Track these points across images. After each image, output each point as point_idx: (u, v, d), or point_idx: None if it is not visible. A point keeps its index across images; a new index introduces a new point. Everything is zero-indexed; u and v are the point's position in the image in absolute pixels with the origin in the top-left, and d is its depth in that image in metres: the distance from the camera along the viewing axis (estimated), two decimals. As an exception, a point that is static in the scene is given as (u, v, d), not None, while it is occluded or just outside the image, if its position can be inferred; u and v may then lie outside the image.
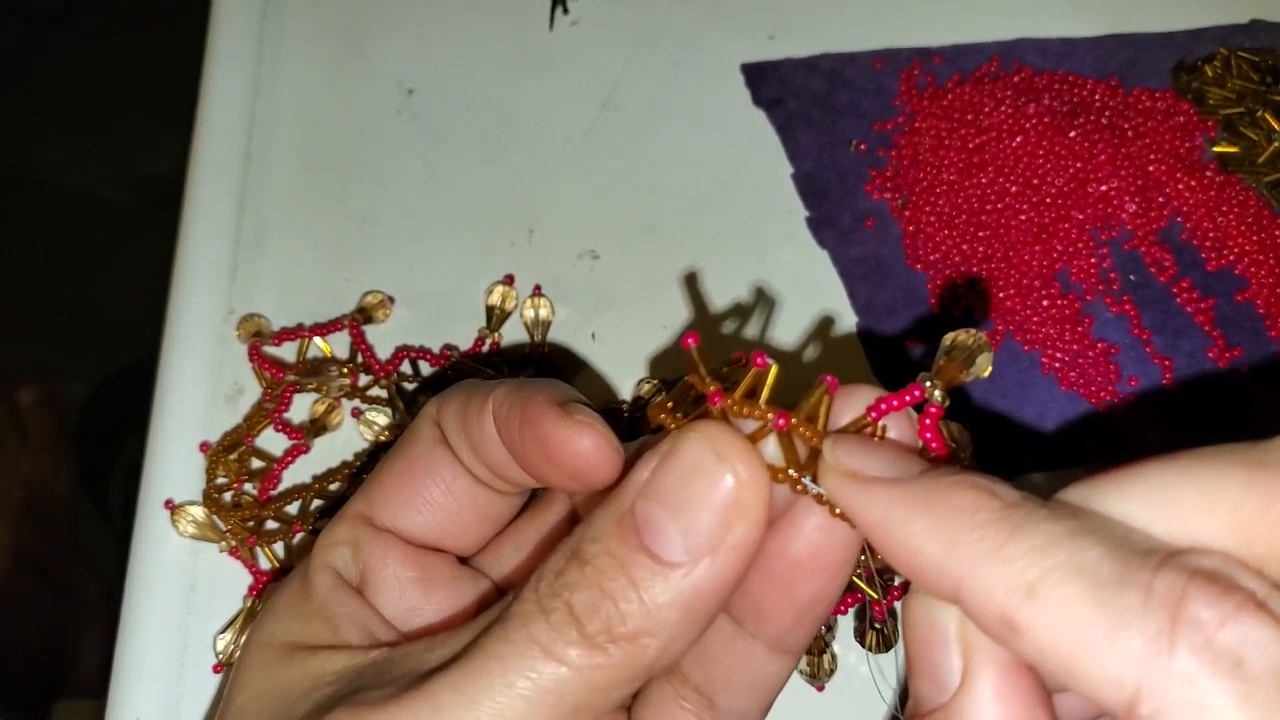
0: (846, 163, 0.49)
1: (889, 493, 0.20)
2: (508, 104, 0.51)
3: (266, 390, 0.42)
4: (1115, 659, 0.17)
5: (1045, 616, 0.17)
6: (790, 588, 0.24)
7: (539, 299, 0.45)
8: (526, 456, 0.25)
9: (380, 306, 0.45)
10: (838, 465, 0.21)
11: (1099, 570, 0.17)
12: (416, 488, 0.28)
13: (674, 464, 0.22)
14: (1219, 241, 0.47)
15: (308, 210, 0.48)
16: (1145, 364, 0.44)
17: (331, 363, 0.43)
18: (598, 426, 0.24)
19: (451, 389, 0.28)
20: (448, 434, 0.28)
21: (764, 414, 0.21)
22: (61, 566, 0.91)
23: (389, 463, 0.29)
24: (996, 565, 0.18)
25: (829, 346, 0.45)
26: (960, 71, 0.52)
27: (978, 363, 0.22)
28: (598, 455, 0.24)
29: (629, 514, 0.22)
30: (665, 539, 0.21)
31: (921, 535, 0.19)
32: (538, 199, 0.48)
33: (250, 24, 0.53)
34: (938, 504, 0.19)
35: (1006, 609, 0.18)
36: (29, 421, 0.98)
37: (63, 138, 1.24)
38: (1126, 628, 0.17)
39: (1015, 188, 0.47)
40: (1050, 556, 0.18)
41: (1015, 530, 0.18)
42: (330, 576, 0.27)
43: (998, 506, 0.19)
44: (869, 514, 0.20)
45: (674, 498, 0.21)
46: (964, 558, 0.18)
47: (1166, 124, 0.50)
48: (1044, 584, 0.17)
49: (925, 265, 0.46)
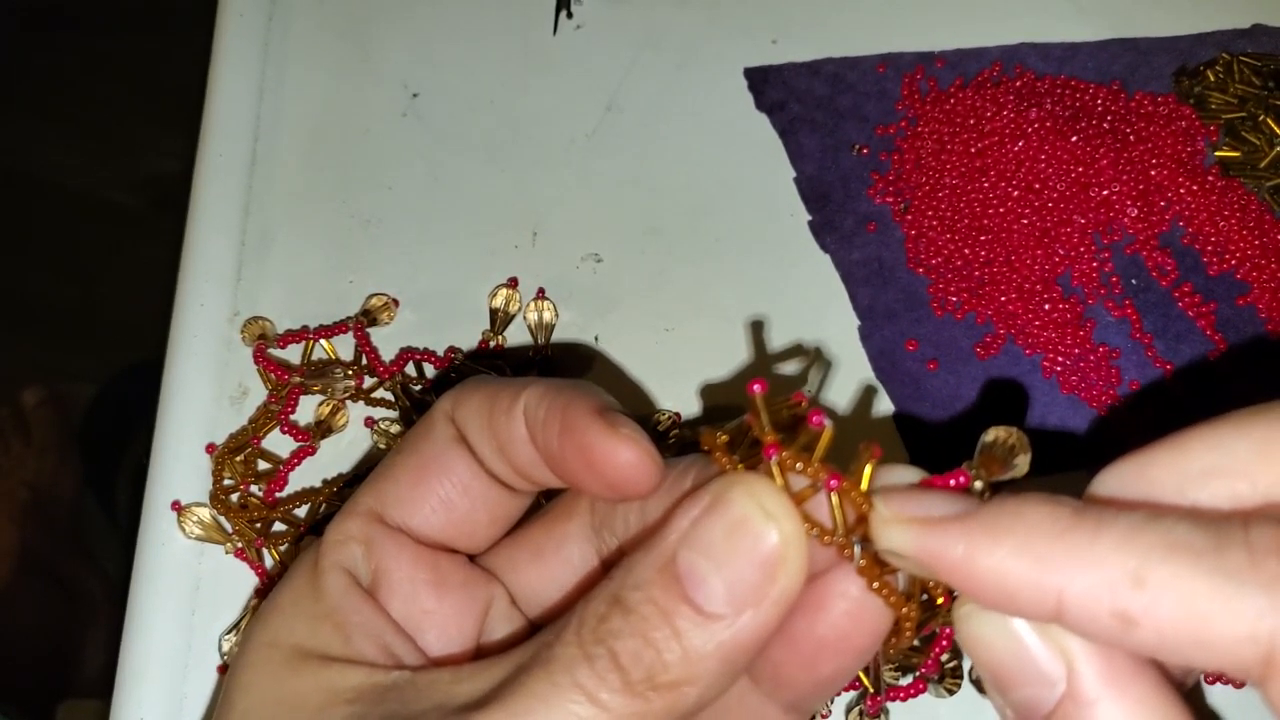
0: (849, 166, 0.50)
1: (965, 527, 0.20)
2: (512, 107, 0.51)
3: (272, 392, 0.42)
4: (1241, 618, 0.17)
5: (1159, 599, 0.17)
6: (813, 663, 0.24)
7: (542, 301, 0.45)
8: (564, 463, 0.25)
9: (385, 309, 0.45)
10: (899, 515, 0.21)
11: (1193, 541, 0.17)
12: (431, 486, 0.27)
13: (719, 517, 0.22)
14: (1220, 246, 0.47)
15: (312, 212, 0.48)
16: (1146, 368, 0.44)
17: (336, 365, 0.43)
18: (642, 440, 0.24)
19: (467, 385, 0.27)
20: (467, 431, 0.27)
21: (817, 473, 0.21)
22: (66, 567, 0.91)
23: (401, 458, 0.28)
24: (1094, 565, 0.18)
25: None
26: (962, 76, 0.52)
27: (1017, 464, 0.22)
28: (640, 469, 0.24)
29: (671, 562, 0.22)
30: (708, 590, 0.21)
31: (1010, 558, 0.19)
32: (541, 202, 0.49)
33: (256, 26, 0.53)
34: (1016, 525, 0.19)
35: (1118, 603, 0.18)
36: (33, 422, 0.98)
37: (67, 139, 1.24)
38: (1243, 585, 0.17)
39: (1017, 192, 0.47)
40: (1143, 541, 0.18)
41: (1098, 529, 0.18)
42: (343, 578, 0.26)
43: (1070, 514, 0.19)
44: (949, 553, 0.20)
45: (718, 550, 0.21)
46: (1059, 567, 0.18)
47: (1168, 129, 0.50)
48: (1148, 568, 0.17)
49: (927, 269, 0.47)
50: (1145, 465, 0.20)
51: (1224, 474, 0.19)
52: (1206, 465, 0.19)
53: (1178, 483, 0.20)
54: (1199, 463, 0.20)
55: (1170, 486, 0.20)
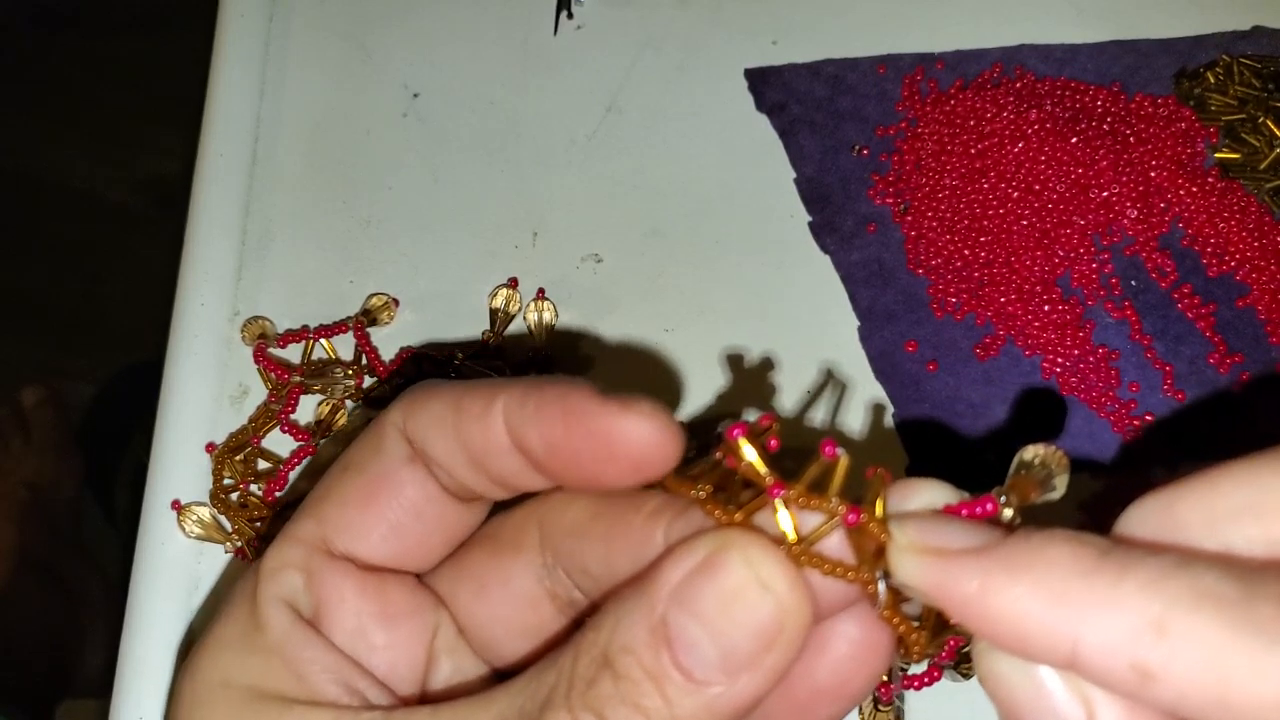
0: (849, 167, 0.50)
1: (981, 562, 0.18)
2: (512, 107, 0.51)
3: (272, 391, 0.42)
4: (1267, 678, 0.15)
5: (1182, 651, 0.16)
6: (808, 711, 0.23)
7: (542, 302, 0.45)
8: (569, 456, 0.23)
9: (385, 309, 0.45)
10: (915, 544, 0.19)
11: (1222, 591, 0.16)
12: (380, 511, 0.25)
13: (712, 583, 0.20)
14: (1220, 247, 0.47)
15: (313, 212, 0.48)
16: (1146, 369, 0.44)
17: (336, 364, 0.43)
18: (660, 411, 0.22)
19: (418, 393, 0.25)
20: (426, 445, 0.24)
21: (834, 510, 0.20)
22: (66, 567, 0.91)
23: (346, 479, 0.25)
24: (1114, 609, 0.17)
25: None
26: (963, 77, 0.52)
27: (1055, 485, 0.21)
28: (664, 443, 0.22)
29: (662, 624, 0.21)
30: (700, 656, 0.20)
31: (1025, 598, 0.18)
32: (541, 202, 0.49)
33: (256, 27, 0.53)
34: (1036, 562, 0.18)
35: (1137, 653, 0.16)
36: (33, 421, 0.98)
37: (69, 139, 1.25)
38: (1272, 641, 0.15)
39: (1017, 193, 0.47)
40: (1169, 588, 0.16)
41: (1123, 572, 0.17)
42: (284, 612, 0.24)
43: (1095, 554, 0.17)
44: (962, 588, 0.19)
45: (711, 618, 0.20)
46: (1077, 610, 0.17)
47: (1168, 130, 0.50)
48: (1171, 617, 0.16)
49: (927, 270, 0.47)
50: (1173, 502, 0.19)
51: (1257, 514, 0.18)
52: (1238, 504, 0.18)
53: (1207, 522, 0.18)
54: (1230, 501, 0.18)
55: (1199, 526, 0.18)
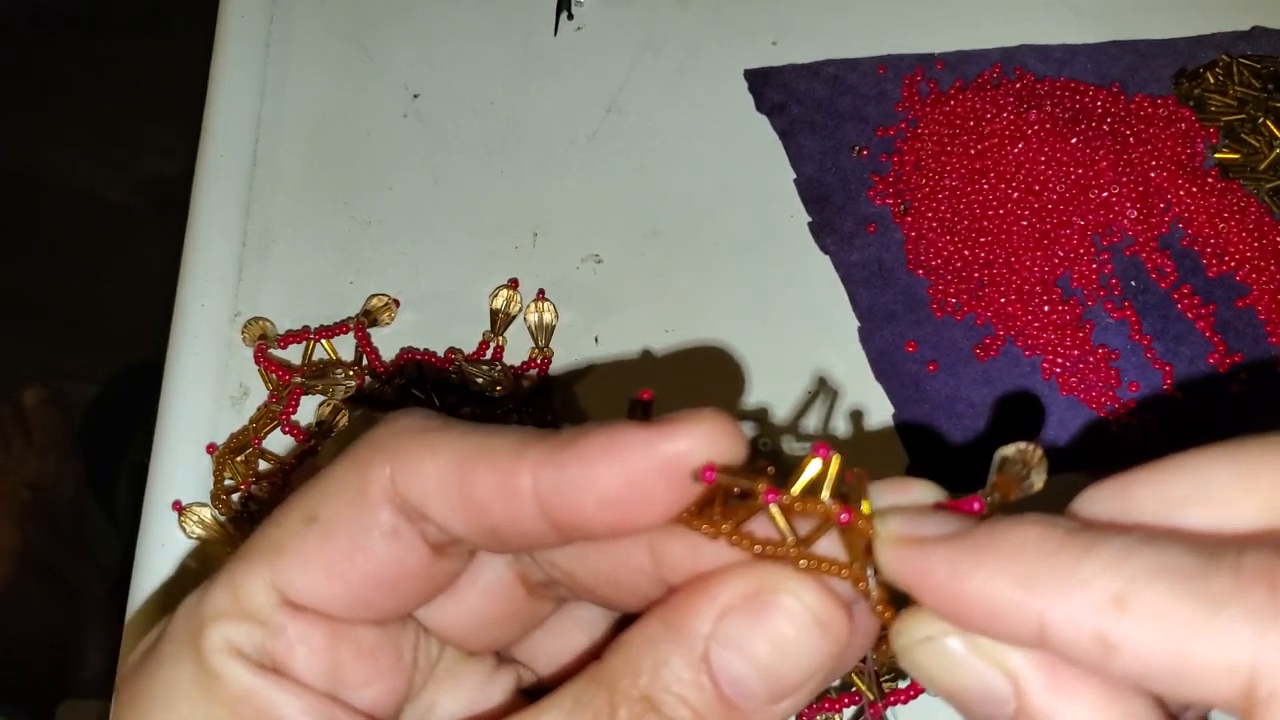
0: (849, 168, 0.50)
1: (950, 548, 0.19)
2: (512, 108, 0.52)
3: (273, 392, 0.42)
4: (1221, 647, 0.16)
5: (1140, 624, 0.17)
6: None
7: (543, 303, 0.45)
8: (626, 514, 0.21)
9: (385, 309, 0.45)
10: (894, 535, 0.20)
11: (1181, 565, 0.17)
12: (356, 582, 0.22)
13: (765, 626, 0.20)
14: (1220, 248, 0.47)
15: (313, 213, 0.48)
16: (1146, 369, 0.44)
17: (337, 365, 0.43)
18: (705, 412, 0.21)
19: (402, 444, 0.22)
20: (424, 508, 0.22)
21: (828, 511, 0.20)
22: (67, 567, 0.91)
23: (312, 537, 0.22)
24: (1078, 586, 0.17)
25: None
26: (962, 78, 0.52)
27: (1034, 481, 0.22)
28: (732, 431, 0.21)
29: (703, 661, 0.20)
30: (746, 690, 0.20)
31: (993, 580, 0.18)
32: (542, 203, 0.49)
33: (257, 27, 0.53)
34: (1003, 545, 0.19)
35: (1099, 626, 0.17)
36: (35, 421, 0.99)
37: (70, 139, 1.25)
38: (1225, 610, 0.16)
39: (1017, 193, 0.47)
40: (1130, 564, 0.17)
41: (1087, 550, 0.18)
42: (239, 662, 0.21)
43: (1061, 534, 0.18)
44: (934, 574, 0.19)
45: (763, 659, 0.20)
46: (1043, 589, 0.18)
47: (1168, 130, 0.50)
48: (1131, 590, 0.17)
49: (927, 270, 0.47)
50: (1127, 488, 0.20)
51: (1205, 502, 0.19)
52: (1188, 492, 0.19)
53: (1160, 508, 0.19)
54: (1181, 489, 0.19)
55: (1152, 511, 0.19)
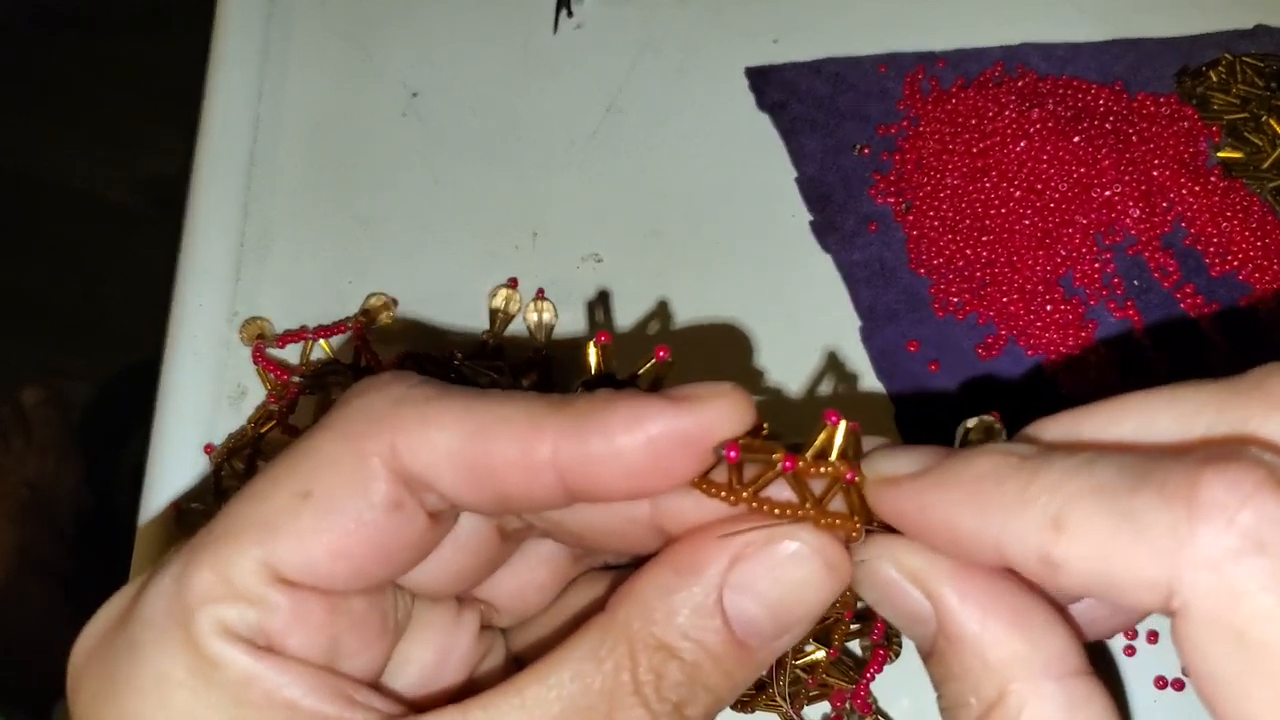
0: (850, 167, 0.49)
1: (918, 483, 0.20)
2: (512, 107, 0.51)
3: (271, 392, 0.42)
4: (1143, 562, 0.17)
5: (1075, 544, 0.17)
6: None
7: (542, 302, 0.45)
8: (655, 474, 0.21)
9: (384, 309, 0.45)
10: (875, 476, 0.21)
11: (1115, 485, 0.17)
12: (358, 559, 0.22)
13: (778, 572, 0.21)
14: (1223, 247, 0.47)
15: (312, 213, 0.48)
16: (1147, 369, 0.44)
17: (336, 365, 0.43)
18: (713, 385, 0.21)
19: (403, 412, 0.22)
20: (431, 480, 0.21)
21: (837, 471, 0.21)
22: (66, 567, 0.91)
23: (306, 512, 0.21)
24: (1022, 511, 0.18)
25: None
26: (964, 76, 0.52)
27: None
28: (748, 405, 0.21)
29: (718, 605, 0.21)
30: (758, 630, 0.22)
31: (956, 511, 0.19)
32: (541, 202, 0.48)
33: (255, 27, 0.53)
34: (964, 476, 0.20)
35: (1042, 548, 0.18)
36: (33, 421, 0.99)
37: (69, 139, 1.25)
38: (1146, 527, 0.17)
39: (1019, 192, 0.47)
40: (1067, 486, 0.18)
41: (1034, 475, 0.19)
42: (237, 645, 0.20)
43: (1015, 461, 0.19)
44: (908, 510, 0.21)
45: (777, 604, 0.22)
46: (995, 515, 0.19)
47: (1170, 129, 0.50)
48: (1066, 512, 0.18)
49: (928, 269, 0.46)
50: (1077, 423, 0.21)
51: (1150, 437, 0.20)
52: (1131, 431, 0.20)
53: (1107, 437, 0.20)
54: (1125, 428, 0.20)
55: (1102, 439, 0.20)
